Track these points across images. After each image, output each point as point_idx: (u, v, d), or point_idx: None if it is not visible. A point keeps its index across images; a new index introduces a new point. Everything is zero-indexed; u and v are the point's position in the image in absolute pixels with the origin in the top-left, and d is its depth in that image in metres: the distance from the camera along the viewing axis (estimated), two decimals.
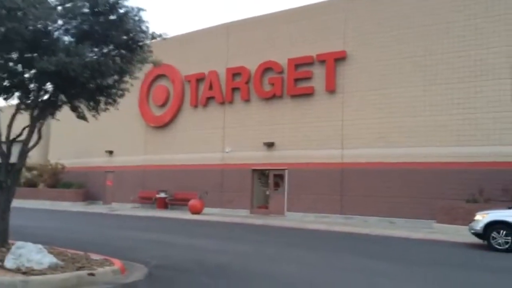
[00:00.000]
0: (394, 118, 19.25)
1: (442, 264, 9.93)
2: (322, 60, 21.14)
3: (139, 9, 8.75)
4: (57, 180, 32.18)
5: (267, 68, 22.74)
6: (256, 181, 23.58)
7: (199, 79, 25.33)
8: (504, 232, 12.01)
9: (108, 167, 30.06)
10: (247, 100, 23.48)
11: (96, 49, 8.48)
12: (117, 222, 19.15)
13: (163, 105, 27.20)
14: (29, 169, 33.91)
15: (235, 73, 23.88)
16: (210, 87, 24.74)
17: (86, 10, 8.16)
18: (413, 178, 18.60)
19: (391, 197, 19.00)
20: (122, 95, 9.62)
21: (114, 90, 9.37)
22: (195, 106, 25.58)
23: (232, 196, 23.68)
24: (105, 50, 8.61)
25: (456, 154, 17.72)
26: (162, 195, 26.14)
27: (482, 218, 12.60)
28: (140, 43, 8.77)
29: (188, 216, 21.94)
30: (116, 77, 9.13)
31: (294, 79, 21.86)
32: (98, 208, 27.49)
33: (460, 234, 14.70)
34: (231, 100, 24.05)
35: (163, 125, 27.06)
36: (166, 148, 26.79)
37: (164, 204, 26.08)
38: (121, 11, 8.30)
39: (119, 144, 29.55)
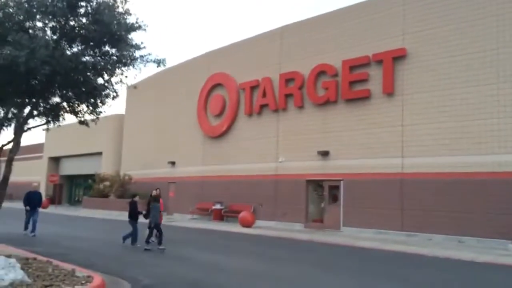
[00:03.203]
0: (461, 122, 16.78)
1: None
2: (379, 60, 19.22)
3: (124, 0, 8.05)
4: (125, 191, 33.06)
5: (320, 72, 21.25)
6: (311, 192, 22.02)
7: (253, 86, 24.49)
8: None
9: (170, 178, 30.22)
10: (300, 107, 22.13)
11: (74, 47, 7.91)
12: None
13: (219, 114, 26.76)
14: (102, 180, 35.45)
15: (288, 79, 22.68)
16: (264, 95, 23.78)
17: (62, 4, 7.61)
18: (486, 191, 15.98)
19: (460, 212, 16.49)
20: (115, 97, 8.96)
21: (106, 91, 8.75)
22: (250, 115, 24.75)
23: (286, 209, 22.33)
24: (80, 47, 7.98)
25: None
26: (218, 206, 25.53)
27: None
28: (119, 37, 8.00)
29: (238, 229, 20.99)
30: (106, 77, 8.52)
31: (349, 82, 20.15)
32: None
33: None
34: (284, 107, 22.86)
35: (219, 135, 26.58)
36: (222, 159, 26.25)
37: (220, 216, 25.44)
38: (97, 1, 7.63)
39: (180, 155, 29.66)
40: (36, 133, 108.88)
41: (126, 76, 8.71)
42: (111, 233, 18.81)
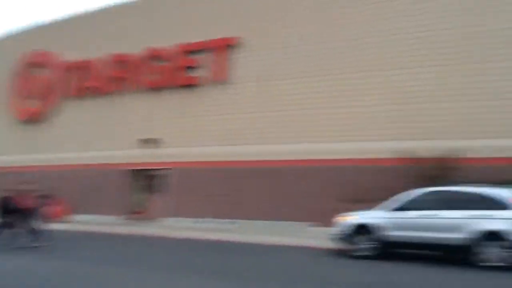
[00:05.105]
0: (281, 112, 17.12)
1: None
2: (212, 47, 18.72)
3: None
4: None
5: (152, 55, 20.05)
6: (135, 183, 20.38)
7: (80, 66, 22.14)
8: (364, 237, 9.98)
9: None
10: (129, 91, 20.60)
11: None
12: None
13: (37, 96, 23.48)
14: None
15: (117, 60, 20.97)
16: (91, 76, 21.64)
17: None
18: (285, 178, 16.50)
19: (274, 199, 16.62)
20: None
21: None
22: (75, 97, 22.27)
23: (108, 201, 20.30)
24: None
25: (332, 150, 15.77)
26: None
27: (343, 221, 10.63)
28: None
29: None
30: None
31: (181, 67, 19.33)
32: None
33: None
34: (112, 91, 21.05)
35: (37, 120, 23.41)
36: (38, 147, 22.97)
37: None
38: None
39: None
40: None
41: None
42: None
